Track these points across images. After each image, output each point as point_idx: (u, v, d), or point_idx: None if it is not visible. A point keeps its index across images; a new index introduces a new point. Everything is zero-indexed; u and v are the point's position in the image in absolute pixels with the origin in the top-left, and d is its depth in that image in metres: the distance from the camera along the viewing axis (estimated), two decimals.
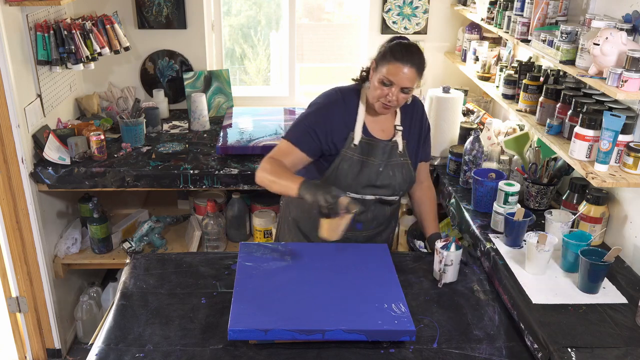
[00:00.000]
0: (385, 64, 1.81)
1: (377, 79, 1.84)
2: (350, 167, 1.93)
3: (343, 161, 1.93)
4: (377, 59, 1.86)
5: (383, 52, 1.85)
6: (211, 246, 2.84)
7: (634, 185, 1.68)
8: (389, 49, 1.83)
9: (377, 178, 1.95)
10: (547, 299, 1.65)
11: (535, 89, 2.20)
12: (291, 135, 1.92)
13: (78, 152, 2.61)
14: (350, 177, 1.93)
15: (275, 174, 1.81)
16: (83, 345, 2.99)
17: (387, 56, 1.81)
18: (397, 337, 1.53)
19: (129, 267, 1.90)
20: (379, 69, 1.83)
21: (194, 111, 3.04)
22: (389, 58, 1.80)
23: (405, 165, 2.00)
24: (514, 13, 2.32)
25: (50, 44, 2.57)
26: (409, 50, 1.82)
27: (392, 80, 1.80)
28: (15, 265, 2.64)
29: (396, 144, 1.98)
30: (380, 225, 2.08)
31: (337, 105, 1.93)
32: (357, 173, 1.93)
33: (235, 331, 1.49)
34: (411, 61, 1.80)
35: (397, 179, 1.98)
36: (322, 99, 1.97)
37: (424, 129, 2.06)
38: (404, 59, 1.79)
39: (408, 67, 1.79)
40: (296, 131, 1.92)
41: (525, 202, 2.19)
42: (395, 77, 1.80)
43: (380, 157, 1.94)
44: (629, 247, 1.88)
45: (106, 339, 1.57)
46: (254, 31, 4.06)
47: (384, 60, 1.82)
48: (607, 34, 1.64)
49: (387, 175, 1.96)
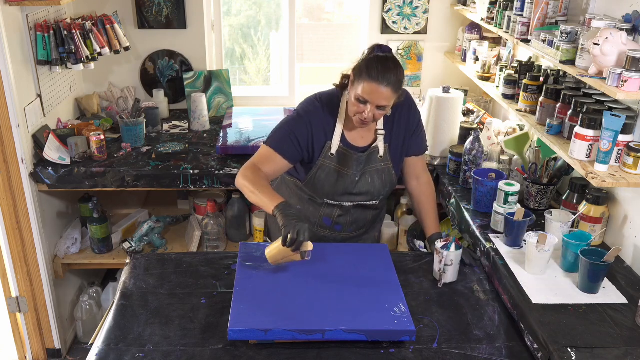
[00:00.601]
0: (361, 81, 1.76)
1: (353, 95, 1.79)
2: (327, 176, 1.94)
3: (320, 170, 1.94)
4: (355, 73, 1.80)
5: (360, 67, 1.78)
6: (211, 246, 2.84)
7: (634, 185, 1.68)
8: (365, 65, 1.76)
9: (354, 187, 1.96)
10: (547, 299, 1.65)
11: (535, 89, 2.20)
12: (272, 141, 1.91)
13: (78, 152, 2.61)
14: (328, 186, 1.95)
15: (255, 186, 1.79)
16: (83, 345, 2.99)
17: (362, 73, 1.75)
18: (397, 337, 1.53)
19: (129, 267, 1.90)
20: (355, 84, 1.78)
21: (194, 111, 3.04)
22: (365, 76, 1.74)
23: (385, 170, 1.99)
24: (514, 13, 2.32)
25: (50, 44, 2.57)
26: (385, 67, 1.75)
27: (367, 99, 1.76)
28: (15, 265, 2.64)
29: (376, 149, 1.96)
30: (360, 229, 2.09)
31: (317, 113, 1.91)
32: (334, 182, 1.94)
33: (235, 331, 1.49)
34: (387, 80, 1.73)
35: (376, 185, 1.98)
36: (303, 106, 1.95)
37: (411, 122, 1.99)
38: (379, 78, 1.73)
39: (384, 87, 1.74)
40: (277, 137, 1.91)
41: (525, 202, 2.19)
42: (370, 96, 1.75)
43: (355, 167, 1.94)
44: (629, 247, 1.88)
45: (106, 339, 1.57)
46: (254, 31, 4.06)
47: (360, 77, 1.76)
48: (607, 34, 1.64)
49: (365, 182, 1.96)
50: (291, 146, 1.90)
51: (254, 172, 1.84)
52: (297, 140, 1.89)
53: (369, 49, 1.84)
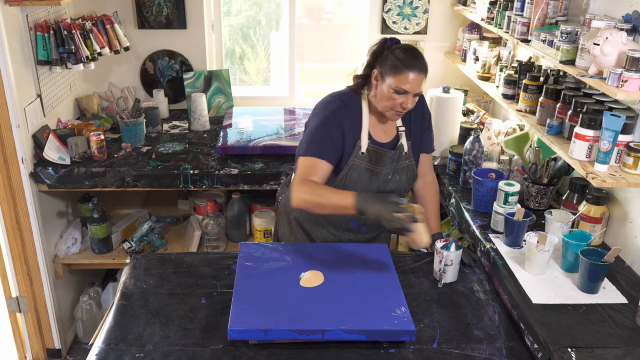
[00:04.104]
0: (397, 73, 1.78)
1: (389, 88, 1.80)
2: (359, 176, 1.91)
3: (351, 170, 1.90)
4: (383, 69, 1.81)
5: (389, 61, 1.80)
6: (211, 246, 2.84)
7: (634, 185, 1.68)
8: (397, 58, 1.79)
9: (386, 185, 1.95)
10: (547, 299, 1.65)
11: (535, 89, 2.20)
12: (310, 149, 1.85)
13: (78, 152, 2.61)
14: (360, 186, 1.91)
15: (319, 195, 1.76)
16: (83, 345, 2.99)
17: (397, 66, 1.78)
18: (397, 337, 1.53)
19: (129, 267, 1.90)
20: (388, 78, 1.80)
21: (194, 111, 3.04)
22: (401, 68, 1.77)
23: (410, 166, 2.00)
24: (514, 13, 2.32)
25: (50, 44, 2.57)
26: (415, 55, 1.80)
27: (407, 89, 1.79)
28: (15, 265, 2.64)
29: (402, 147, 1.97)
30: (380, 227, 2.07)
31: (343, 111, 1.89)
32: (367, 181, 1.92)
33: (235, 331, 1.49)
34: (419, 66, 1.79)
35: (403, 183, 1.99)
36: (327, 107, 1.91)
37: (425, 119, 2.04)
38: (415, 67, 1.78)
39: (420, 73, 1.79)
40: (314, 144, 1.86)
41: (525, 202, 2.19)
42: (411, 85, 1.79)
43: (389, 165, 1.93)
44: (629, 247, 1.88)
45: (106, 339, 1.57)
46: (254, 31, 4.06)
47: (394, 70, 1.78)
48: (607, 34, 1.64)
49: (395, 180, 1.96)
50: (331, 148, 1.86)
51: (309, 184, 1.80)
52: (333, 141, 1.86)
53: (380, 44, 1.86)
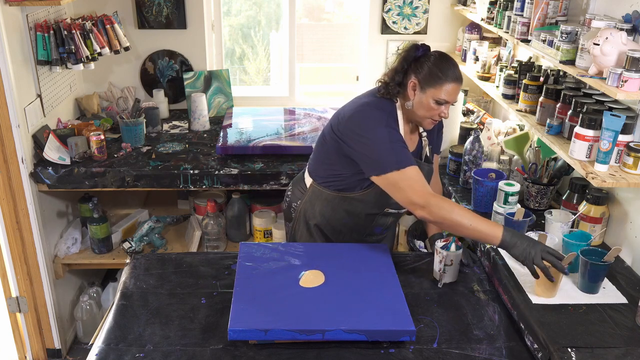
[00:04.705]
0: (438, 85, 1.79)
1: (431, 99, 1.81)
2: None
3: None
4: (423, 79, 1.81)
5: (431, 72, 1.80)
6: (211, 246, 2.84)
7: (634, 185, 1.68)
8: (437, 68, 1.79)
9: None
10: (547, 299, 1.65)
11: (535, 89, 2.20)
12: (401, 161, 1.78)
13: (78, 152, 2.61)
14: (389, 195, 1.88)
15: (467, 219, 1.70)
16: (83, 345, 2.99)
17: (439, 77, 1.79)
18: (397, 337, 1.53)
19: (129, 267, 1.90)
20: (429, 89, 1.80)
21: (194, 111, 3.04)
22: (443, 79, 1.79)
23: (431, 170, 2.04)
24: (514, 13, 2.32)
25: (50, 44, 2.57)
26: (453, 65, 1.82)
27: (448, 100, 1.82)
28: (15, 265, 2.64)
29: (428, 156, 2.02)
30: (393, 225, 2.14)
31: (391, 120, 1.86)
32: None
33: (235, 331, 1.49)
34: (458, 76, 1.82)
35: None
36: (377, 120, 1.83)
37: (440, 123, 2.08)
38: (456, 77, 1.81)
39: (458, 84, 1.82)
40: (400, 155, 1.80)
41: (525, 202, 2.19)
42: (452, 95, 1.82)
43: (425, 174, 1.90)
44: (629, 247, 1.88)
45: (106, 339, 1.57)
46: (254, 31, 4.06)
47: (437, 81, 1.79)
48: (607, 34, 1.64)
49: None
50: (409, 153, 1.84)
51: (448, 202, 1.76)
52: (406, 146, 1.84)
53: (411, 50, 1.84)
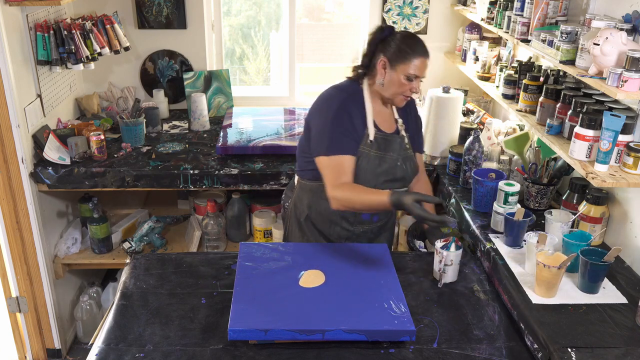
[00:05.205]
0: (407, 60, 1.86)
1: (400, 75, 1.88)
2: (369, 164, 1.93)
3: (361, 158, 1.92)
4: (391, 57, 1.88)
5: (398, 49, 1.87)
6: (211, 246, 2.84)
7: (634, 185, 1.68)
8: (406, 45, 1.87)
9: (395, 172, 1.98)
10: (547, 299, 1.65)
11: (535, 89, 2.20)
12: (332, 147, 1.88)
13: (78, 152, 2.61)
14: (370, 173, 1.93)
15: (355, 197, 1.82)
16: (83, 345, 2.99)
17: (408, 53, 1.86)
18: (397, 337, 1.53)
19: (129, 267, 1.90)
20: (399, 66, 1.87)
21: (194, 111, 3.04)
22: (412, 54, 1.86)
23: (411, 156, 2.05)
24: (514, 13, 2.32)
25: (50, 44, 2.57)
26: (418, 41, 1.90)
27: (418, 74, 1.89)
28: (15, 265, 2.64)
29: (404, 137, 2.03)
30: (388, 213, 2.13)
31: (347, 102, 1.92)
32: (376, 169, 1.94)
33: (235, 331, 1.49)
34: (425, 51, 1.89)
35: (409, 172, 2.03)
36: (331, 102, 1.93)
37: (418, 122, 2.15)
38: (422, 52, 1.88)
39: (425, 58, 1.89)
40: (334, 141, 1.88)
41: (525, 202, 2.19)
42: (421, 70, 1.89)
43: (398, 151, 1.98)
44: (629, 247, 1.88)
45: (106, 339, 1.57)
46: (254, 31, 4.06)
47: (405, 57, 1.86)
48: (607, 34, 1.64)
49: (403, 168, 2.00)
50: (350, 141, 1.90)
51: (343, 188, 1.85)
52: (350, 133, 1.90)
53: (378, 32, 1.93)
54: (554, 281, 1.63)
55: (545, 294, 1.65)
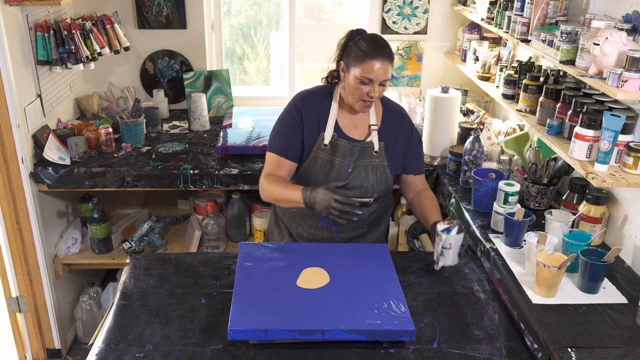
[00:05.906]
0: (359, 63, 1.81)
1: (354, 79, 1.83)
2: (320, 167, 1.94)
3: (312, 162, 1.94)
4: (348, 60, 1.84)
5: (353, 52, 1.83)
6: (211, 246, 2.84)
7: (634, 185, 1.68)
8: (359, 48, 1.81)
9: (346, 178, 1.93)
10: (547, 299, 1.65)
11: (535, 89, 2.20)
12: (274, 147, 1.95)
13: (78, 152, 2.61)
14: (320, 177, 1.93)
15: (274, 190, 1.87)
16: (83, 345, 2.99)
17: (359, 56, 1.80)
18: (397, 337, 1.53)
19: (129, 267, 1.90)
20: (352, 69, 1.83)
21: (194, 111, 3.04)
22: (363, 57, 1.80)
23: (380, 166, 1.96)
24: (514, 13, 2.32)
25: (50, 44, 2.57)
26: (378, 43, 1.82)
27: (371, 78, 1.81)
28: (15, 265, 2.64)
29: (371, 144, 1.96)
30: (360, 228, 2.03)
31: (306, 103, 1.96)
32: (327, 173, 1.93)
33: (235, 331, 1.49)
34: (382, 54, 1.80)
35: (370, 180, 1.95)
36: (291, 103, 2.00)
37: (412, 142, 2.02)
38: (378, 55, 1.79)
39: (382, 61, 1.80)
40: (277, 142, 1.95)
41: (525, 202, 2.19)
42: (374, 73, 1.80)
43: (348, 157, 1.93)
44: (629, 247, 1.88)
45: (106, 339, 1.57)
46: (254, 31, 4.07)
47: (357, 61, 1.81)
48: (607, 34, 1.64)
49: (359, 176, 1.94)
50: (293, 146, 1.93)
51: (269, 179, 1.91)
52: (295, 138, 1.93)
53: (346, 36, 1.89)
54: (554, 281, 1.63)
55: (545, 294, 1.65)
